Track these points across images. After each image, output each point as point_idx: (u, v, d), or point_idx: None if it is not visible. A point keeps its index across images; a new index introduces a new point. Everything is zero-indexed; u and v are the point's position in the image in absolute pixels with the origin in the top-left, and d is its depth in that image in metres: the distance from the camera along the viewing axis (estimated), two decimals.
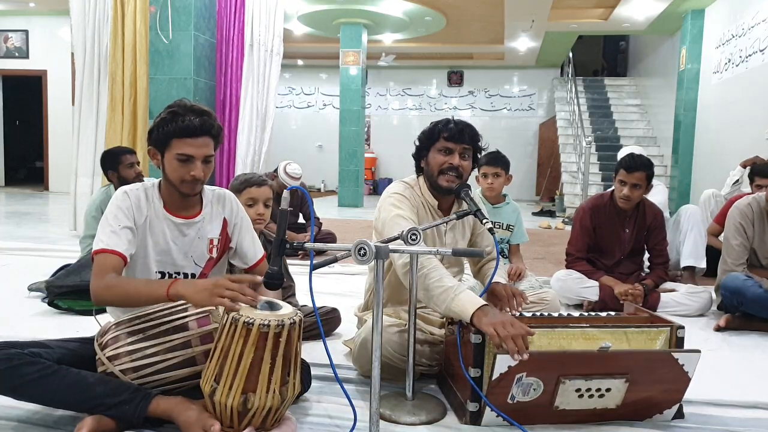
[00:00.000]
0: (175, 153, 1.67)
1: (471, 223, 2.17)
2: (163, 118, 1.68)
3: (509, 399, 1.63)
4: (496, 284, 2.03)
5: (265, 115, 5.48)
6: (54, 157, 10.51)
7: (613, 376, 1.63)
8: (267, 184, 2.40)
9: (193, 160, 1.68)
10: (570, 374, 1.61)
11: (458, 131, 1.98)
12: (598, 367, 1.62)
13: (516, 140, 12.92)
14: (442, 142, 1.99)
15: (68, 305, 2.80)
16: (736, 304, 2.79)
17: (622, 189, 3.03)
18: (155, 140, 1.71)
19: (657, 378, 1.67)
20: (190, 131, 1.66)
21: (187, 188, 1.72)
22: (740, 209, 2.94)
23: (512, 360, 1.56)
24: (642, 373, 1.65)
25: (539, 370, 1.60)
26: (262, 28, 5.39)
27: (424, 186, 2.07)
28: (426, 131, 2.06)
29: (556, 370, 1.61)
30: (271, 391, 1.45)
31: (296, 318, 1.49)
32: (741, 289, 2.74)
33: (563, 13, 9.01)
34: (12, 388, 1.50)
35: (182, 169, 1.68)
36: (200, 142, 1.68)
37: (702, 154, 7.88)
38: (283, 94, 13.81)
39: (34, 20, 10.47)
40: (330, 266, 1.67)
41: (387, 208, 1.98)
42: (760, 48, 6.23)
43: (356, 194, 9.77)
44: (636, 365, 1.64)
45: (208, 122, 1.69)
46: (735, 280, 2.79)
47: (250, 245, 1.92)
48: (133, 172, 3.37)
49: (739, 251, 2.89)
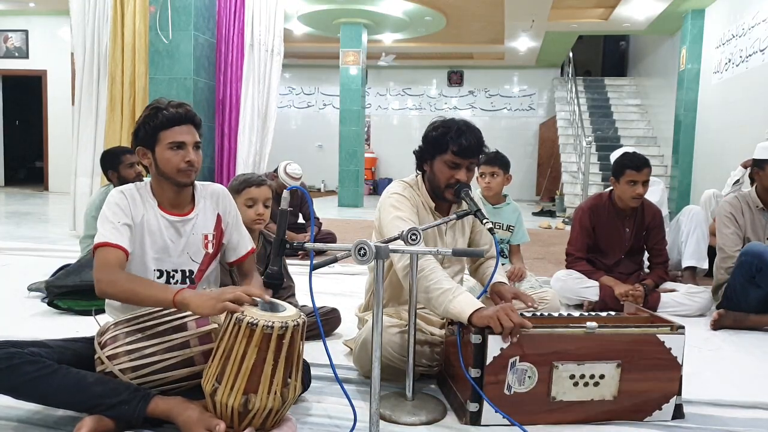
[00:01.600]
0: (166, 143, 1.72)
1: (471, 222, 2.16)
2: (146, 116, 1.74)
3: (506, 389, 1.65)
4: (501, 284, 2.03)
5: (266, 115, 5.48)
6: (54, 157, 10.51)
7: (604, 360, 1.68)
8: (266, 184, 2.40)
9: (185, 146, 1.73)
10: (562, 359, 1.66)
11: (469, 147, 1.90)
12: (588, 348, 1.68)
13: (516, 140, 12.93)
14: (451, 155, 1.91)
15: (68, 305, 2.80)
16: (754, 271, 2.73)
17: (634, 189, 3.01)
18: (143, 139, 1.75)
19: (648, 364, 1.71)
20: (177, 120, 1.72)
21: (184, 176, 1.75)
22: (728, 201, 3.06)
23: (503, 342, 1.61)
24: (632, 357, 1.70)
25: (531, 351, 1.65)
26: (262, 28, 5.39)
27: (423, 187, 2.06)
28: (434, 137, 1.95)
29: (548, 354, 1.66)
30: (273, 393, 1.46)
31: (299, 320, 1.49)
32: (764, 253, 2.71)
33: (563, 13, 9.02)
34: (12, 387, 1.50)
35: (177, 157, 1.72)
36: (186, 129, 1.74)
37: (702, 154, 7.88)
38: (283, 94, 13.81)
39: (34, 20, 10.47)
40: (330, 266, 1.67)
41: (386, 209, 1.97)
42: (760, 48, 6.23)
43: (356, 194, 9.77)
44: (624, 348, 1.69)
45: (191, 111, 1.76)
46: (758, 246, 2.79)
47: (239, 239, 1.94)
48: (133, 172, 3.36)
49: (734, 238, 2.94)
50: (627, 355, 1.70)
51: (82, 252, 3.33)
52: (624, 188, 3.04)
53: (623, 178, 3.03)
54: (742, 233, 2.95)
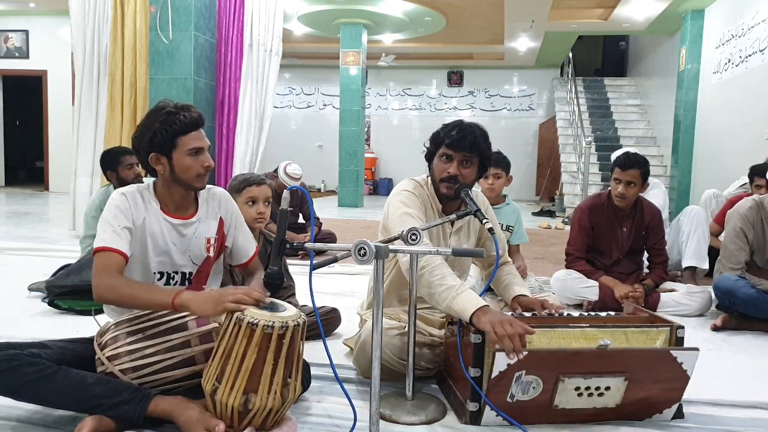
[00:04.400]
0: (185, 149, 1.71)
1: (477, 229, 2.16)
2: (162, 121, 1.69)
3: (509, 398, 1.63)
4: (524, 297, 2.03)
5: (263, 115, 5.48)
6: (54, 157, 10.50)
7: (612, 374, 1.64)
8: (266, 183, 2.40)
9: (203, 151, 1.74)
10: (569, 372, 1.62)
11: (458, 139, 1.93)
12: (597, 366, 1.63)
13: (516, 140, 12.93)
14: (444, 148, 1.97)
15: (68, 305, 2.80)
16: (728, 304, 2.80)
17: (617, 187, 3.05)
18: (159, 145, 1.71)
19: (656, 377, 1.67)
20: (194, 125, 1.72)
21: (200, 182, 1.76)
22: (741, 213, 2.89)
23: (510, 358, 1.57)
24: (641, 371, 1.65)
25: (538, 368, 1.61)
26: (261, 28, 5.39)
27: (431, 187, 2.07)
28: (434, 134, 2.03)
29: (555, 369, 1.61)
30: (273, 393, 1.46)
31: (300, 320, 1.50)
32: (732, 289, 2.75)
33: (563, 13, 9.02)
34: (11, 388, 1.50)
35: (196, 163, 1.72)
36: (201, 134, 1.75)
37: (702, 154, 7.88)
38: (283, 94, 13.82)
39: (34, 20, 10.47)
40: (330, 266, 1.67)
41: (396, 205, 1.97)
42: (760, 48, 6.23)
43: (356, 194, 9.77)
44: (635, 363, 1.65)
45: (202, 115, 1.77)
46: (726, 281, 2.80)
47: (244, 243, 1.93)
48: (132, 173, 3.36)
49: (737, 255, 2.86)
50: (637, 369, 1.65)
51: (82, 252, 3.33)
52: (612, 185, 3.10)
53: (612, 176, 3.08)
54: (749, 248, 2.88)
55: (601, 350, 1.62)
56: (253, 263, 1.96)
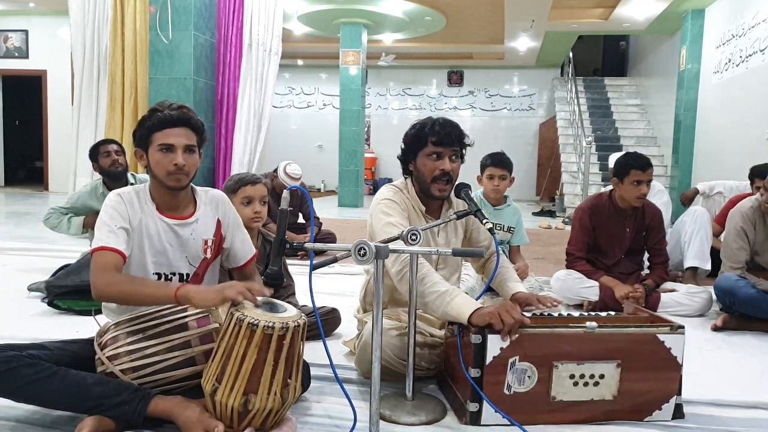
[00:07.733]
0: (156, 145, 1.71)
1: (463, 221, 2.15)
2: (143, 117, 1.74)
3: (506, 389, 1.66)
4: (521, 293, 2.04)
5: (262, 114, 5.49)
6: (54, 157, 10.51)
7: (604, 359, 1.69)
8: (261, 182, 2.40)
9: (174, 149, 1.71)
10: (562, 358, 1.66)
11: (446, 134, 1.92)
12: (588, 350, 1.68)
13: (516, 140, 12.93)
14: (431, 147, 1.94)
15: (68, 305, 2.80)
16: (729, 304, 2.81)
17: (639, 189, 3.00)
18: (139, 140, 1.75)
19: (647, 364, 1.71)
20: (168, 122, 1.71)
21: (173, 180, 1.72)
22: (742, 213, 2.91)
23: (503, 341, 1.61)
24: (632, 358, 1.70)
25: (530, 351, 1.65)
26: (261, 27, 5.39)
27: (412, 189, 2.05)
28: (411, 134, 1.99)
29: (548, 354, 1.66)
30: (272, 393, 1.46)
31: (300, 321, 1.49)
32: (733, 289, 2.76)
33: (563, 13, 9.02)
34: (10, 390, 1.50)
35: (165, 160, 1.70)
36: (178, 132, 1.72)
37: (702, 154, 7.88)
38: (283, 94, 13.81)
39: (34, 20, 10.47)
40: (330, 266, 1.67)
41: (377, 215, 1.96)
42: (760, 48, 6.22)
43: (356, 194, 9.76)
44: (625, 349, 1.70)
45: (186, 114, 1.74)
46: (727, 281, 2.81)
47: (241, 245, 1.93)
48: (109, 160, 3.46)
49: (738, 254, 2.87)
50: (627, 354, 1.70)
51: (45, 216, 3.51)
52: (628, 188, 3.03)
53: (628, 179, 3.01)
54: (750, 248, 2.89)
55: (589, 332, 1.68)
56: (249, 268, 1.95)
